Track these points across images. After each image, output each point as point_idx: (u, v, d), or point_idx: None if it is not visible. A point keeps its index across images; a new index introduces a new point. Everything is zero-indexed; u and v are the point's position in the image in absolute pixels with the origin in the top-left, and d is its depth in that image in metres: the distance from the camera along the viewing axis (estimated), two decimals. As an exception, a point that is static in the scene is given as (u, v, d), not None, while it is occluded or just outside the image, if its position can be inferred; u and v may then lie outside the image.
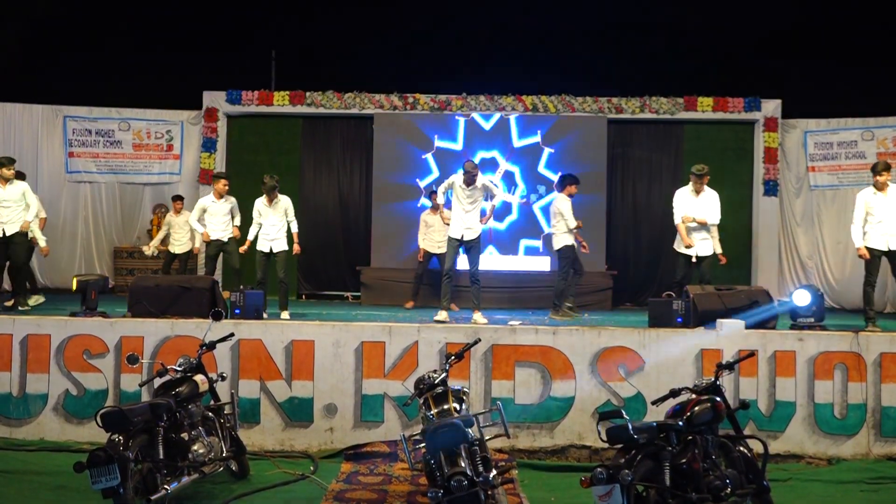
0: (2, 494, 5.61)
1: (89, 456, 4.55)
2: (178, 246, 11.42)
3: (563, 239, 9.73)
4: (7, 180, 8.97)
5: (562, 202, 9.77)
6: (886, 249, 8.14)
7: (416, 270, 11.07)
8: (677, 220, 9.19)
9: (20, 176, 9.68)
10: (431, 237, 11.00)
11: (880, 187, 8.17)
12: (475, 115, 12.37)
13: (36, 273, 11.10)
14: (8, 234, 8.91)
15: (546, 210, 12.15)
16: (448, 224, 9.14)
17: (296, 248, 9.48)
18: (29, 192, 9.15)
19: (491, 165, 12.29)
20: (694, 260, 9.14)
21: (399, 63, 14.26)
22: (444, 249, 9.75)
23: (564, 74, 13.36)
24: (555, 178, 12.15)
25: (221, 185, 9.52)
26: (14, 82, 13.76)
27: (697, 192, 9.12)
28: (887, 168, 8.30)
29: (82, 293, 7.70)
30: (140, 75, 14.28)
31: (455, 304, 10.08)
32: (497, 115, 12.37)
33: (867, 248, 8.20)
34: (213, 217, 9.49)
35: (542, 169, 12.34)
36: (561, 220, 9.70)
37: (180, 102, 12.95)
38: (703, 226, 9.02)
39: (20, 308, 8.51)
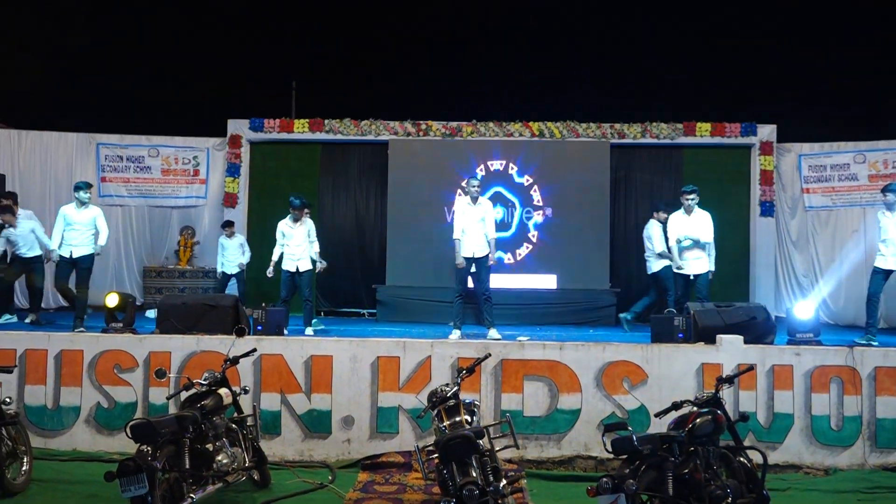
0: (36, 502, 5.64)
1: (119, 466, 4.56)
2: (231, 266, 11.39)
3: (655, 264, 9.96)
4: (83, 203, 9.05)
5: (653, 227, 9.99)
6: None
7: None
8: (671, 242, 9.26)
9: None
10: None
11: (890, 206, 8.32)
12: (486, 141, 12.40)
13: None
14: (75, 255, 8.97)
15: (539, 227, 12.21)
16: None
17: (320, 265, 9.61)
18: (101, 219, 9.22)
19: (499, 189, 12.31)
20: (692, 278, 9.17)
21: (412, 92, 14.38)
22: None
23: (569, 101, 13.44)
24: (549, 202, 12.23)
25: (303, 212, 9.72)
26: (51, 112, 13.96)
27: (688, 211, 9.19)
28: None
29: (121, 310, 7.77)
30: (168, 105, 14.47)
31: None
32: (503, 142, 12.39)
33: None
34: (296, 238, 9.67)
35: (548, 194, 12.34)
36: (650, 244, 9.93)
37: (206, 130, 13.06)
38: (697, 245, 9.07)
39: (76, 330, 8.48)
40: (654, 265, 10.00)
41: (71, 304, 9.46)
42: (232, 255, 11.40)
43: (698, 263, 9.13)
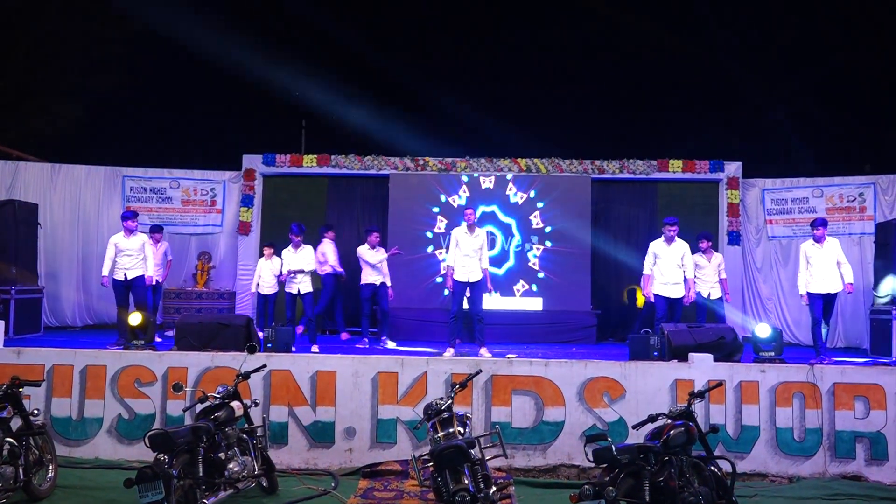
0: (60, 507, 5.57)
1: (138, 473, 4.51)
2: (268, 289, 10.98)
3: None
4: (131, 231, 9.06)
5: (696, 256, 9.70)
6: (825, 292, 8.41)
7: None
8: (647, 269, 9.23)
9: None
10: None
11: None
12: (478, 175, 12.46)
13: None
14: (129, 278, 8.96)
15: (526, 254, 12.21)
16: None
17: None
18: (148, 244, 9.21)
19: (490, 219, 12.33)
20: (670, 301, 9.18)
21: (411, 130, 14.47)
22: None
23: (554, 139, 13.55)
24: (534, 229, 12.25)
25: (374, 237, 10.24)
26: (81, 148, 14.00)
27: (669, 241, 9.18)
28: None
29: (144, 329, 7.73)
30: (189, 141, 14.54)
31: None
32: (494, 176, 12.44)
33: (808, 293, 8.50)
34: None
35: (534, 223, 12.36)
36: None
37: (223, 164, 13.10)
38: (676, 272, 9.06)
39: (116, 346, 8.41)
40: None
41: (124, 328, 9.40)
42: (268, 277, 10.88)
43: (676, 288, 9.14)
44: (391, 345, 9.32)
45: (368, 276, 10.28)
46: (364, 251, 10.37)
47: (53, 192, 12.48)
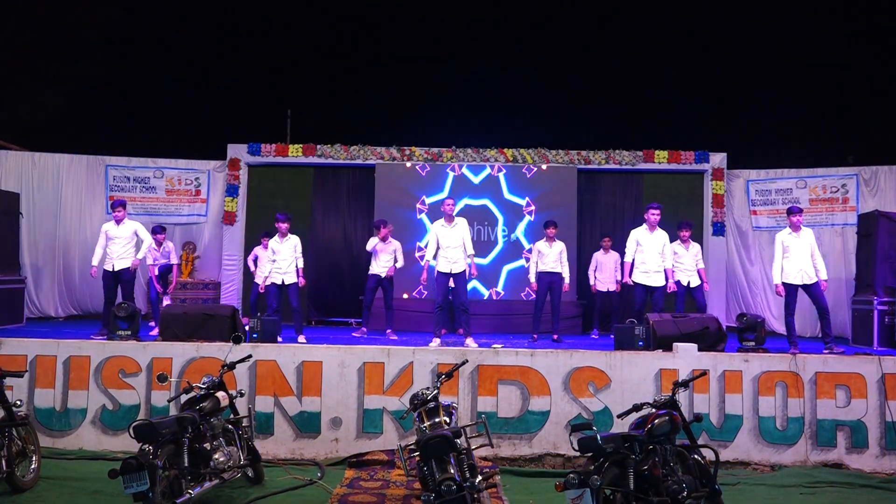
0: (44, 499, 5.53)
1: (122, 464, 4.49)
2: (260, 278, 10.87)
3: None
4: (119, 220, 8.99)
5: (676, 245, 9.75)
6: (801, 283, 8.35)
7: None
8: (628, 257, 9.25)
9: None
10: None
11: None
12: (465, 170, 12.43)
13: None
14: (117, 268, 8.87)
15: (513, 243, 12.21)
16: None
17: (301, 280, 9.55)
18: (141, 230, 9.14)
19: (480, 212, 12.31)
20: (650, 289, 9.22)
21: (398, 120, 14.45)
22: None
23: (541, 130, 13.58)
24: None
25: (387, 230, 10.14)
26: (63, 136, 13.84)
27: (651, 227, 9.22)
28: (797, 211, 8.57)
29: (129, 318, 7.67)
30: (173, 130, 14.41)
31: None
32: (486, 171, 12.41)
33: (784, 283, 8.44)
34: (380, 254, 10.03)
35: (512, 216, 12.37)
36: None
37: (207, 154, 13.00)
38: (656, 261, 9.09)
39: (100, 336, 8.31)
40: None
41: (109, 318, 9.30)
42: (263, 268, 10.49)
43: (657, 277, 9.16)
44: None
45: (374, 267, 10.15)
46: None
47: (35, 182, 12.33)
